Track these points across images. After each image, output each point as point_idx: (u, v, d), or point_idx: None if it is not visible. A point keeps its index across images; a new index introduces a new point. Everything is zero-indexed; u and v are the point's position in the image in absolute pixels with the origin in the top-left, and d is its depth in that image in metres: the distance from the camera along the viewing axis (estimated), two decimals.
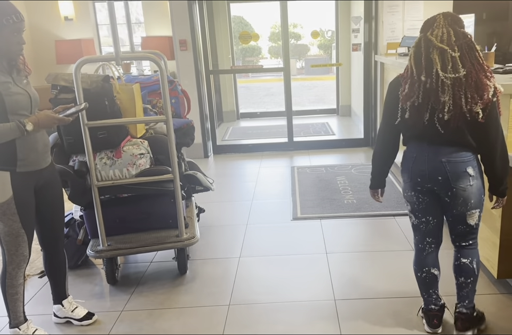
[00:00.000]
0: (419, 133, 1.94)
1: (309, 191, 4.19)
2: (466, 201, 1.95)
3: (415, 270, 2.18)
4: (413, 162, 1.99)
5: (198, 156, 5.48)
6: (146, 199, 2.73)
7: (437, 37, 1.82)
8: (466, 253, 2.08)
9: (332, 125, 7.25)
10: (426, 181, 1.97)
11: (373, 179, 2.17)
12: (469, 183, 1.92)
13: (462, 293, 2.10)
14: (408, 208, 2.12)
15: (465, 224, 2.02)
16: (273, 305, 2.47)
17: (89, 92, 2.49)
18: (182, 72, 5.37)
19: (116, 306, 2.55)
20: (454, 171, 1.91)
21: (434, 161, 1.93)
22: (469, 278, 2.07)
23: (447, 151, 1.91)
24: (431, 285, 2.14)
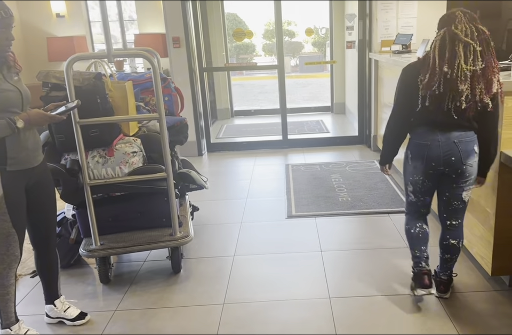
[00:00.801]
0: (433, 119, 2.15)
1: (303, 189, 4.18)
2: (470, 177, 2.22)
3: (408, 229, 2.42)
4: (428, 150, 2.19)
5: (192, 154, 5.46)
6: (139, 197, 2.71)
7: (461, 31, 2.03)
8: (454, 234, 2.35)
9: (326, 122, 7.24)
10: (441, 164, 2.19)
11: (383, 157, 2.44)
12: (474, 160, 2.20)
13: (446, 265, 2.42)
14: (410, 189, 2.35)
15: (461, 200, 2.28)
16: (268, 303, 2.46)
17: (81, 90, 2.47)
18: (176, 69, 5.34)
19: (109, 306, 2.53)
20: (465, 149, 2.16)
21: (447, 144, 2.16)
22: (454, 255, 2.38)
23: (456, 134, 2.15)
24: (423, 241, 2.39)
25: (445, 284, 2.42)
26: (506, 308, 2.29)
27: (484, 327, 2.16)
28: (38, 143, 2.16)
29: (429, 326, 2.19)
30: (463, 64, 2.02)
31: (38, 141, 2.16)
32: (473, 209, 2.62)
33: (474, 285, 2.51)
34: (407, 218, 2.47)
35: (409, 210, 2.45)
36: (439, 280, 2.43)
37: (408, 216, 2.46)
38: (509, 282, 2.48)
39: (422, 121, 2.19)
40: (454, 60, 2.03)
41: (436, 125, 2.16)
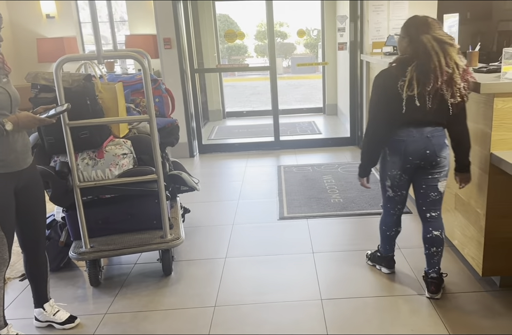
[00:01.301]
0: (409, 118, 2.27)
1: (295, 190, 4.18)
2: (443, 168, 2.37)
3: (384, 230, 2.62)
4: (405, 145, 2.31)
5: (183, 156, 5.44)
6: (129, 199, 2.69)
7: (443, 37, 2.19)
8: (436, 226, 2.44)
9: (319, 124, 7.25)
10: (417, 158, 2.32)
11: (363, 167, 2.49)
12: (447, 152, 2.35)
13: (433, 261, 2.44)
14: (387, 184, 2.47)
15: (437, 191, 2.40)
16: (260, 305, 2.45)
17: (71, 91, 2.45)
18: (167, 70, 5.32)
19: (99, 309, 2.50)
20: (438, 143, 2.30)
21: (421, 138, 2.29)
22: (439, 247, 2.43)
23: (429, 130, 2.29)
24: (394, 239, 2.64)
25: (436, 284, 2.43)
26: (497, 309, 2.30)
27: (475, 328, 2.16)
28: (27, 146, 2.14)
29: (420, 326, 2.19)
30: (444, 66, 2.15)
31: (27, 143, 2.14)
32: (463, 210, 2.63)
33: (465, 285, 2.52)
34: (383, 219, 2.61)
35: (386, 207, 2.58)
36: (430, 280, 2.44)
37: (384, 217, 2.61)
38: (500, 283, 2.48)
39: (403, 122, 2.30)
40: (435, 62, 2.16)
41: (410, 122, 2.29)
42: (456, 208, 2.75)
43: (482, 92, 2.24)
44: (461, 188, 2.47)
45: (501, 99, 2.24)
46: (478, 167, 2.42)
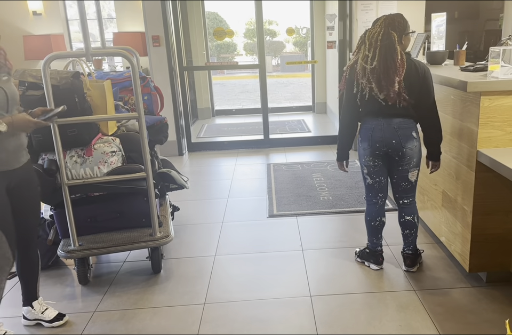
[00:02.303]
0: (375, 109, 2.44)
1: (285, 188, 4.19)
2: (411, 160, 2.49)
3: (368, 221, 2.69)
4: (372, 132, 2.48)
5: (172, 154, 5.43)
6: (118, 197, 2.68)
7: (370, 34, 2.39)
8: (408, 211, 2.62)
9: (308, 122, 7.27)
10: (383, 145, 2.47)
11: (339, 152, 2.66)
12: (414, 144, 2.47)
13: (407, 241, 2.67)
14: (365, 172, 2.62)
15: (407, 181, 2.55)
16: (249, 303, 2.45)
17: (59, 89, 2.43)
18: (155, 68, 5.30)
19: (88, 307, 2.49)
20: (404, 134, 2.44)
21: (388, 128, 2.45)
22: (412, 230, 2.64)
23: (396, 121, 2.44)
24: (380, 231, 2.70)
25: (411, 258, 2.66)
26: (483, 304, 2.33)
27: (462, 323, 2.19)
28: (22, 145, 2.11)
29: (408, 322, 2.22)
30: (360, 61, 2.40)
31: (21, 143, 2.10)
32: (450, 207, 2.66)
33: (452, 281, 2.55)
34: (367, 210, 2.71)
35: (368, 197, 2.69)
36: (405, 255, 2.68)
37: (368, 208, 2.70)
38: (486, 278, 2.52)
39: (367, 113, 2.48)
40: (359, 57, 2.41)
41: (378, 113, 2.45)
42: (443, 205, 2.78)
43: (469, 90, 2.26)
44: (430, 173, 2.65)
45: (487, 97, 2.27)
46: (464, 164, 2.45)
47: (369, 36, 2.38)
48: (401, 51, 2.35)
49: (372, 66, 2.35)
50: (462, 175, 2.49)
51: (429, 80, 2.42)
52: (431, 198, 2.99)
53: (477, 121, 2.30)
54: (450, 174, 2.65)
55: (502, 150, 2.27)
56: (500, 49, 2.31)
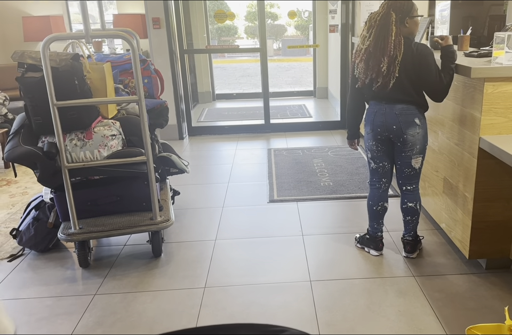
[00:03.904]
0: (377, 94, 2.43)
1: (285, 173, 4.18)
2: (413, 147, 2.46)
3: (370, 205, 2.69)
4: (374, 116, 2.48)
5: (172, 138, 5.41)
6: (118, 181, 2.67)
7: (372, 15, 2.37)
8: (411, 198, 2.61)
9: (309, 107, 7.23)
10: (384, 130, 2.47)
11: (349, 131, 2.72)
12: (417, 131, 2.44)
13: (408, 227, 2.67)
14: (369, 156, 2.63)
15: (411, 167, 2.53)
16: (249, 287, 2.47)
17: (58, 71, 2.40)
18: (155, 51, 5.24)
19: (88, 290, 2.51)
20: (405, 120, 2.42)
21: (390, 114, 2.43)
22: (414, 216, 2.63)
23: (399, 107, 2.42)
24: (382, 216, 2.71)
25: (411, 244, 2.67)
26: (482, 290, 2.34)
27: (461, 309, 2.21)
28: None
29: (407, 307, 2.23)
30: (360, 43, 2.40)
31: None
32: (452, 193, 2.66)
33: (452, 268, 2.56)
34: (370, 194, 2.71)
35: (372, 182, 2.68)
36: (405, 241, 2.69)
37: (371, 192, 2.70)
38: (486, 265, 2.53)
39: (371, 96, 2.48)
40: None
41: (381, 98, 2.44)
42: (444, 192, 2.78)
43: (473, 76, 2.24)
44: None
45: (491, 84, 2.24)
46: (466, 151, 2.44)
47: (371, 17, 2.37)
48: (397, 33, 2.29)
49: (366, 47, 2.35)
50: (463, 162, 2.48)
51: (427, 57, 2.32)
52: (432, 185, 2.98)
53: (480, 108, 2.28)
54: (452, 160, 2.64)
55: (504, 137, 2.25)
56: (504, 34, 2.27)
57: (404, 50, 2.31)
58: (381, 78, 2.34)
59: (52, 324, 2.23)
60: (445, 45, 2.40)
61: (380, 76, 2.34)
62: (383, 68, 2.31)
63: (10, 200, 3.80)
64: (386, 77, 2.33)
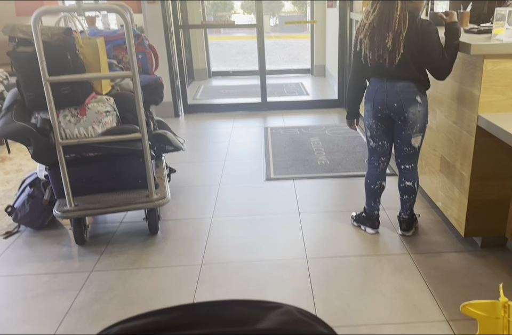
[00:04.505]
0: (380, 71, 2.39)
1: (282, 152, 4.16)
2: (414, 125, 2.43)
3: (368, 184, 2.69)
4: (375, 94, 2.44)
5: (168, 115, 5.35)
6: (113, 158, 2.64)
7: None
8: (409, 177, 2.60)
9: (306, 85, 7.15)
10: (385, 108, 2.43)
11: (349, 109, 2.66)
12: (418, 109, 2.40)
13: (405, 206, 2.67)
14: (368, 135, 2.60)
15: (410, 146, 2.50)
16: (246, 264, 2.48)
17: (50, 45, 2.34)
18: (150, 26, 5.13)
19: (85, 266, 2.51)
20: (406, 98, 2.37)
21: (391, 91, 2.39)
22: (411, 195, 2.63)
23: (400, 84, 2.37)
24: (379, 195, 2.71)
25: (407, 222, 2.68)
26: (478, 268, 2.36)
27: (456, 286, 2.23)
28: None
29: (402, 284, 2.25)
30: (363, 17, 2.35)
31: None
32: (448, 172, 2.65)
33: (447, 246, 2.58)
34: (368, 173, 2.69)
35: (370, 160, 2.66)
36: (402, 219, 2.69)
37: (369, 170, 2.68)
38: (481, 243, 2.54)
39: (373, 73, 2.44)
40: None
41: (383, 74, 2.39)
42: (441, 170, 2.77)
43: (473, 53, 2.20)
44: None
45: (491, 61, 2.20)
46: (464, 129, 2.42)
47: None
48: (402, 7, 2.22)
49: (370, 22, 2.29)
50: (461, 140, 2.46)
51: (431, 34, 2.26)
52: (429, 163, 2.97)
53: (479, 85, 2.25)
54: (449, 139, 2.62)
55: (503, 115, 2.23)
56: (505, 11, 2.22)
57: (408, 25, 2.25)
58: (387, 54, 2.29)
59: (49, 300, 2.23)
60: (449, 21, 2.33)
61: (386, 52, 2.29)
62: (388, 44, 2.26)
63: (5, 177, 3.78)
64: (392, 53, 2.29)
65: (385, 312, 2.06)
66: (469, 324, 1.96)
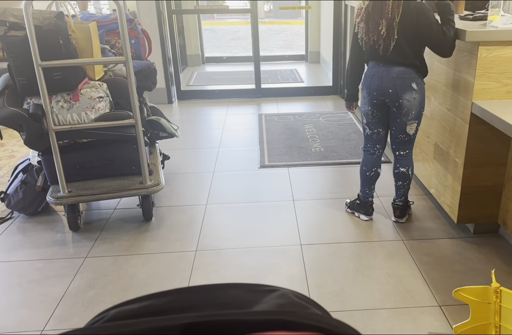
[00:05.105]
0: (376, 56, 2.38)
1: (276, 139, 4.15)
2: (409, 112, 2.42)
3: (363, 171, 2.69)
4: (371, 80, 2.43)
5: (161, 101, 5.31)
6: (107, 144, 2.63)
7: None
8: (404, 163, 2.60)
9: (301, 72, 7.11)
10: (380, 94, 2.42)
11: (348, 92, 2.64)
12: (413, 96, 2.38)
13: (399, 192, 2.68)
14: (364, 122, 2.60)
15: (405, 133, 2.50)
16: (240, 250, 2.49)
17: (42, 30, 2.30)
18: (143, 11, 5.06)
19: (79, 253, 2.51)
20: (402, 84, 2.36)
21: (387, 77, 2.38)
22: (405, 182, 2.63)
23: (396, 70, 2.36)
24: (374, 182, 2.71)
25: (401, 209, 2.69)
26: (470, 254, 2.39)
27: (448, 272, 2.25)
28: None
29: (395, 270, 2.27)
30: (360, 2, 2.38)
31: None
32: (442, 159, 2.66)
33: (440, 232, 2.60)
34: (364, 160, 2.69)
35: (366, 148, 2.67)
36: (396, 206, 2.71)
37: (365, 158, 2.69)
38: (474, 230, 2.56)
39: (369, 57, 2.43)
40: None
41: (380, 60, 2.38)
42: (434, 157, 2.78)
43: (468, 39, 2.19)
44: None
45: (486, 48, 2.20)
46: (458, 116, 2.42)
47: None
48: None
49: (365, 6, 2.32)
50: (455, 128, 2.46)
51: (426, 13, 2.22)
52: (422, 151, 2.98)
53: (473, 72, 2.24)
54: (443, 126, 2.62)
55: (497, 102, 2.23)
56: None
57: (402, 10, 2.24)
58: (382, 40, 2.30)
59: (43, 286, 2.24)
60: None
61: (381, 39, 2.30)
62: (382, 31, 2.28)
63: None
64: (386, 40, 2.29)
65: (378, 298, 2.08)
66: (461, 309, 1.99)
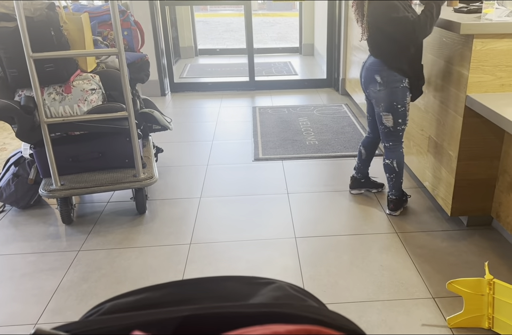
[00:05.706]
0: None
1: (270, 132, 4.14)
2: (378, 103, 2.46)
3: (359, 150, 2.86)
4: (360, 68, 2.55)
5: (154, 94, 5.28)
6: (100, 137, 2.61)
7: None
8: (388, 155, 2.61)
9: (295, 64, 7.08)
10: (361, 82, 2.54)
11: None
12: (377, 88, 2.41)
13: (390, 185, 2.69)
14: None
15: (382, 124, 2.52)
16: (235, 243, 2.49)
17: (33, 21, 2.27)
18: (135, 2, 5.00)
19: (72, 246, 2.50)
20: (367, 76, 2.45)
21: (364, 66, 2.49)
22: (391, 174, 2.64)
23: (370, 61, 2.43)
24: (360, 158, 2.85)
25: (395, 202, 2.70)
26: (463, 246, 2.40)
27: (442, 264, 2.26)
28: None
29: (389, 262, 2.28)
30: None
31: None
32: (436, 152, 2.66)
33: (434, 225, 2.61)
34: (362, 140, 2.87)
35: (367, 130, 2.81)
36: (389, 199, 2.72)
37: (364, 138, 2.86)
38: (467, 222, 2.58)
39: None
40: None
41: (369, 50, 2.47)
42: (428, 150, 2.78)
43: (462, 32, 2.18)
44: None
45: (480, 40, 2.19)
46: (452, 109, 2.42)
47: None
48: None
49: None
50: (449, 121, 2.46)
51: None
52: (416, 144, 2.98)
53: (468, 65, 2.24)
54: (437, 119, 2.62)
55: (491, 95, 2.23)
56: None
57: None
58: (360, 26, 2.37)
59: (36, 279, 2.23)
60: None
61: (360, 23, 2.37)
62: (357, 16, 2.37)
63: None
64: (361, 26, 2.37)
65: (372, 290, 2.09)
66: (455, 301, 2.00)
